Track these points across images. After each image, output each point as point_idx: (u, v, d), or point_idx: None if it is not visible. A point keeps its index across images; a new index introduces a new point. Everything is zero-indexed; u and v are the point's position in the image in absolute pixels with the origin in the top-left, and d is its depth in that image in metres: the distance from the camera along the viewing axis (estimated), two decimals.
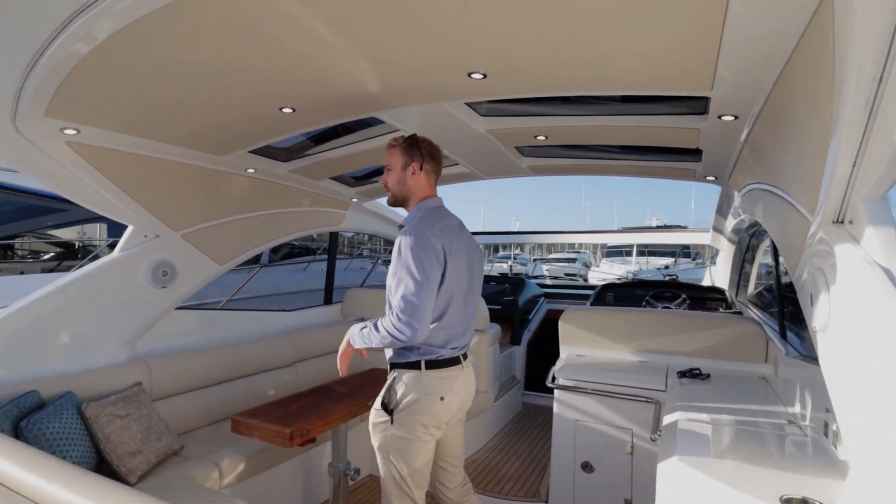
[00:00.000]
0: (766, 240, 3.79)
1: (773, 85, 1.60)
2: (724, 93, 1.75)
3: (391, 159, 2.06)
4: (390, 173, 2.05)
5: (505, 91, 2.03)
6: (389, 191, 2.07)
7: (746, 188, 2.67)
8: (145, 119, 2.28)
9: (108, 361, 2.68)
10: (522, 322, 5.09)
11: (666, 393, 2.60)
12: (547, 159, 3.40)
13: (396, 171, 2.03)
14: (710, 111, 1.98)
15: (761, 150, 2.10)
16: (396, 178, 2.04)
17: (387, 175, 2.06)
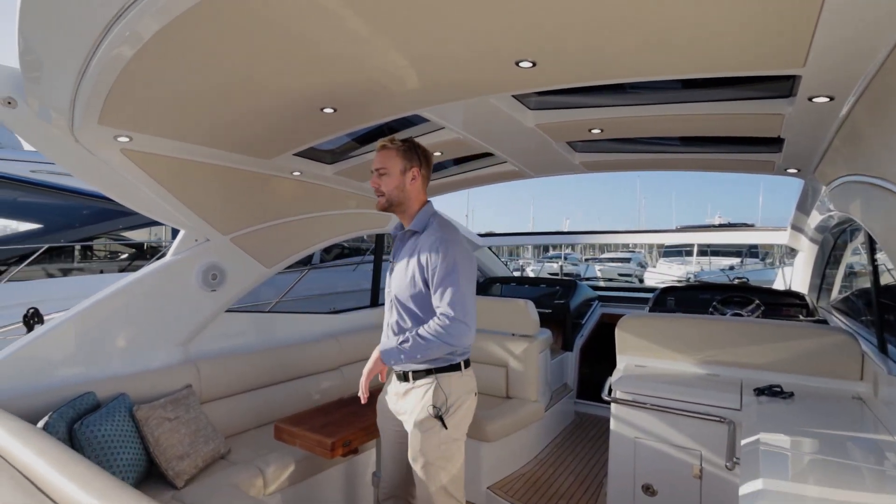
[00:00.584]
0: (857, 239, 3.35)
1: (883, 59, 1.34)
2: (820, 69, 1.49)
3: (387, 162, 1.95)
4: (387, 177, 1.94)
5: (557, 80, 1.85)
6: (383, 195, 1.95)
7: (837, 181, 2.33)
8: (192, 124, 2.30)
9: (161, 364, 2.74)
10: (575, 327, 4.84)
11: (741, 412, 2.32)
12: (601, 154, 3.17)
13: (395, 176, 1.94)
14: (798, 92, 1.71)
15: (861, 136, 1.81)
16: (395, 183, 1.94)
17: (381, 179, 1.94)
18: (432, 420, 1.89)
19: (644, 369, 2.95)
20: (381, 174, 1.94)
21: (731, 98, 2.03)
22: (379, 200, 1.96)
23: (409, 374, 1.95)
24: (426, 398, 1.90)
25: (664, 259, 19.94)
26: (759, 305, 3.89)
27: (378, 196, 1.96)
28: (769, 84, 1.94)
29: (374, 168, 1.97)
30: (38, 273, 7.05)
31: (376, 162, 1.96)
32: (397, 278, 1.97)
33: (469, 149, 3.00)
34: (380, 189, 1.94)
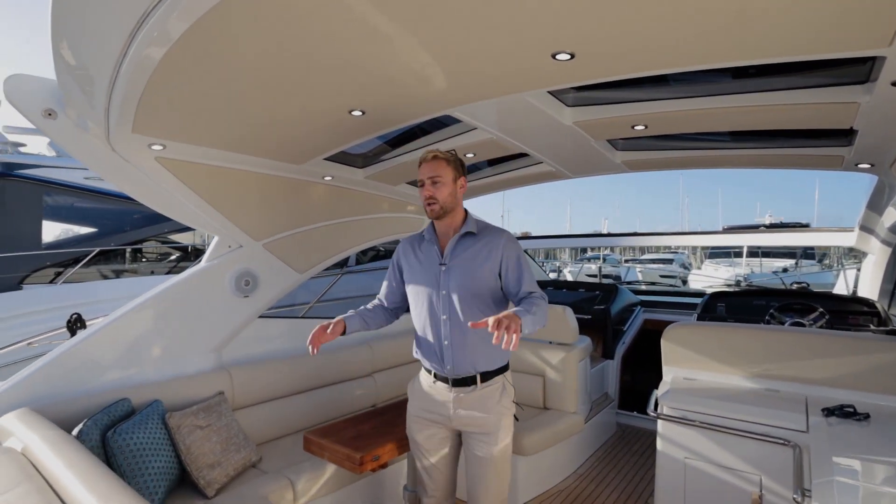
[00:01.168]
0: None
1: None
2: None
3: (441, 170, 1.99)
4: (441, 186, 1.98)
5: (597, 73, 1.71)
6: (437, 202, 1.98)
7: None
8: (223, 131, 2.29)
9: (195, 370, 2.75)
10: (616, 333, 4.61)
11: (809, 435, 2.09)
12: (645, 153, 2.97)
13: (449, 184, 2.00)
14: (878, 77, 1.51)
15: None
16: (449, 191, 2.00)
17: (435, 188, 1.98)
18: (510, 419, 2.02)
19: (693, 383, 2.74)
20: (434, 182, 1.98)
21: (797, 86, 1.83)
22: (432, 208, 1.99)
23: (476, 378, 1.96)
24: (504, 398, 2.00)
25: (710, 260, 18.98)
26: (823, 314, 3.56)
27: (430, 204, 1.98)
28: (842, 69, 1.72)
29: (425, 177, 1.98)
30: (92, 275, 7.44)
31: (427, 171, 1.99)
32: (461, 275, 1.97)
33: (503, 149, 2.87)
34: (433, 197, 1.97)
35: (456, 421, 1.99)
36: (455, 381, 1.96)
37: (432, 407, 2.02)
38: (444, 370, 1.97)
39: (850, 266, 9.81)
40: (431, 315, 1.99)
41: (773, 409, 2.26)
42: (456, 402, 1.97)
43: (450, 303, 1.95)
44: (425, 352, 2.04)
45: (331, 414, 3.21)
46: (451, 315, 1.95)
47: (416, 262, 2.08)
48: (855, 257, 17.91)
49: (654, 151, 2.95)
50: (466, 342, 1.94)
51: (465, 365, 1.95)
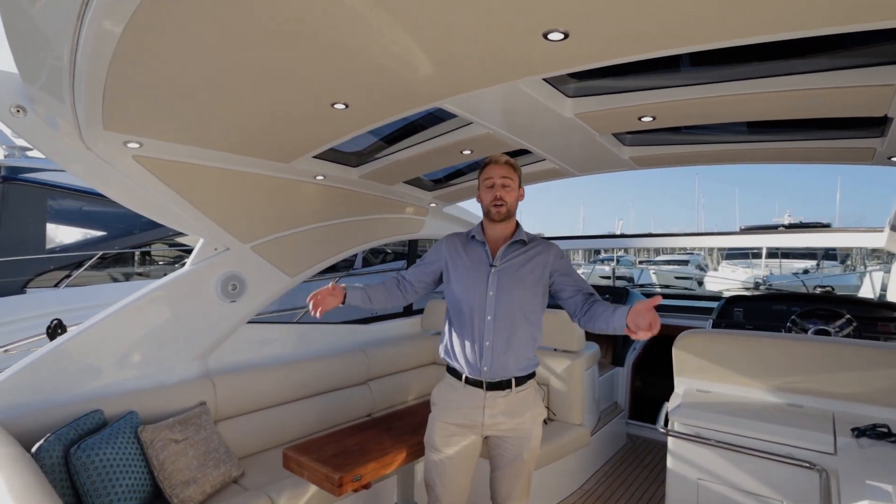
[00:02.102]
0: None
1: None
2: None
3: (512, 175, 2.03)
4: (510, 191, 2.02)
5: (595, 55, 1.53)
6: (506, 204, 2.01)
7: None
8: (202, 128, 2.16)
9: (178, 378, 2.63)
10: (626, 339, 4.40)
11: (837, 458, 1.88)
12: (654, 147, 2.77)
13: (515, 190, 2.05)
14: None
15: None
16: (516, 196, 2.05)
17: (505, 191, 2.01)
18: (541, 423, 2.05)
19: (708, 396, 2.53)
20: (504, 186, 2.01)
21: (824, 69, 1.62)
22: (499, 210, 2.01)
23: (511, 382, 1.96)
24: (536, 402, 2.03)
25: (727, 261, 18.49)
26: (851, 321, 3.30)
27: (498, 206, 2.00)
28: (876, 48, 1.52)
29: (497, 178, 2.01)
30: (102, 278, 7.45)
31: (500, 172, 2.02)
32: (511, 279, 1.98)
33: (503, 145, 2.70)
34: (503, 199, 2.00)
35: (489, 426, 1.97)
36: (490, 385, 1.95)
37: (463, 413, 1.98)
38: (480, 372, 1.95)
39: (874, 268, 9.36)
40: (476, 314, 1.97)
41: (796, 428, 2.05)
42: (490, 406, 1.95)
43: (496, 304, 1.95)
44: (461, 352, 2.00)
45: (324, 424, 3.07)
46: (497, 316, 1.94)
47: (464, 259, 2.06)
48: (879, 259, 17.30)
49: (664, 146, 2.75)
50: (508, 345, 1.94)
51: (502, 368, 1.94)
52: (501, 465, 2.02)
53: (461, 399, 1.98)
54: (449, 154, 2.88)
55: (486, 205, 2.03)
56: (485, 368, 1.93)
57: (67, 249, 7.05)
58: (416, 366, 3.76)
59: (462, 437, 1.99)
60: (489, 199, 2.01)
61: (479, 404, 1.95)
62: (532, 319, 1.99)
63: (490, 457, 2.06)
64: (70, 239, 7.33)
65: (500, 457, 2.02)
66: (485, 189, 2.03)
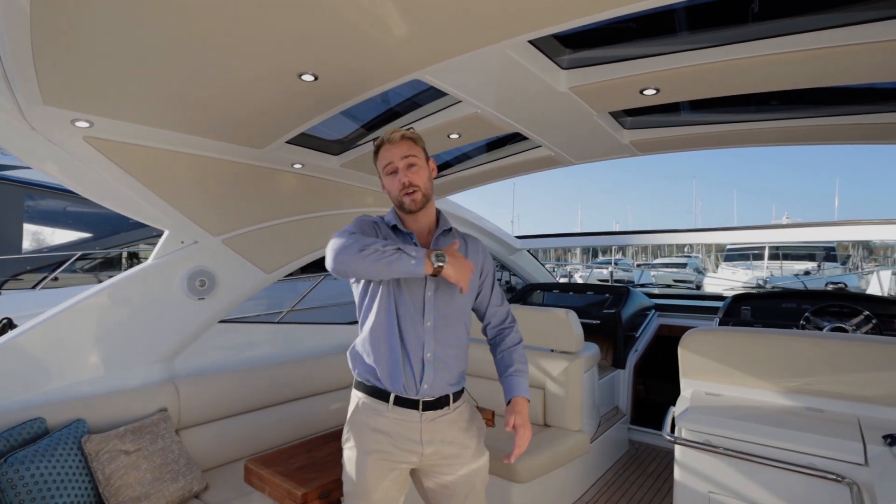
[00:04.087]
0: None
1: None
2: None
3: (415, 151, 1.62)
4: (418, 170, 1.61)
5: (585, 5, 1.32)
6: (419, 189, 1.59)
7: None
8: (160, 106, 1.96)
9: (138, 383, 2.40)
10: (627, 340, 4.18)
11: (868, 469, 1.66)
12: (656, 130, 2.57)
13: (425, 168, 1.64)
14: None
15: None
16: (427, 175, 1.64)
17: (412, 172, 1.59)
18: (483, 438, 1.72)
19: (717, 399, 2.31)
20: (410, 165, 1.60)
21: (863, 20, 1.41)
22: (414, 198, 1.58)
23: (449, 398, 1.61)
24: (475, 415, 1.73)
25: (726, 263, 18.27)
26: (870, 318, 3.08)
27: (411, 193, 1.58)
28: None
29: (398, 159, 1.60)
30: (86, 279, 7.22)
31: (399, 152, 1.60)
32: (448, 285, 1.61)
33: (492, 128, 2.49)
34: (414, 184, 1.58)
35: (429, 456, 1.58)
36: (426, 404, 1.57)
37: (398, 443, 1.56)
38: (416, 391, 1.55)
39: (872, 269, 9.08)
40: (410, 321, 1.57)
41: (819, 436, 1.83)
42: (428, 430, 1.57)
43: (436, 305, 1.59)
44: (390, 367, 1.56)
45: (302, 431, 2.84)
46: (437, 322, 1.58)
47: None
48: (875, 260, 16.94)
49: (666, 128, 2.54)
50: (450, 354, 1.61)
51: (443, 382, 1.58)
52: (449, 496, 1.62)
53: (390, 426, 1.56)
54: (435, 138, 2.67)
55: (396, 195, 1.60)
56: (425, 386, 1.54)
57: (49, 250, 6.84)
58: None
59: (398, 475, 1.60)
60: (397, 189, 1.59)
61: (415, 429, 1.56)
62: (467, 322, 1.70)
63: (426, 491, 1.66)
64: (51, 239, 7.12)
65: (443, 489, 1.61)
66: (387, 177, 1.63)
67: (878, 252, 20.93)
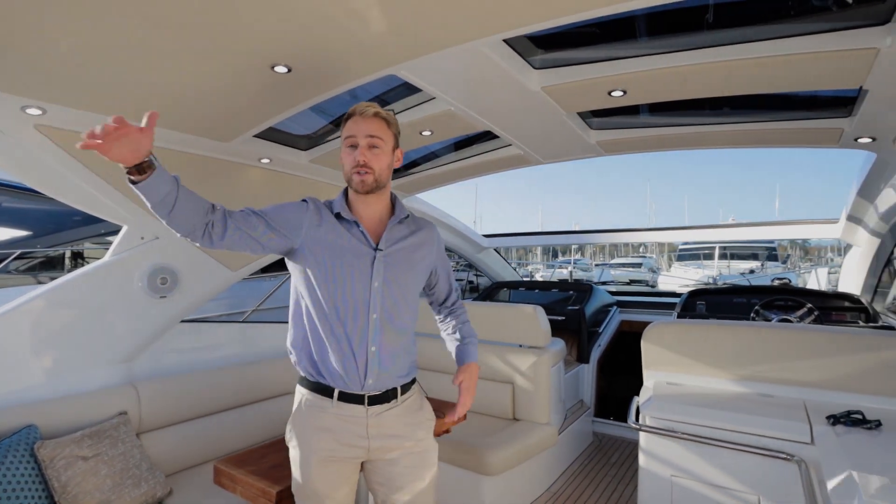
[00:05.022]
0: None
1: None
2: None
3: (382, 133, 1.51)
4: (380, 153, 1.50)
5: (562, 6, 1.37)
6: (373, 172, 1.48)
7: None
8: (118, 94, 1.86)
9: (95, 386, 2.28)
10: (591, 335, 4.31)
11: (814, 447, 1.80)
12: (623, 131, 2.67)
13: (388, 154, 1.54)
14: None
15: None
16: (387, 162, 1.54)
17: (372, 153, 1.48)
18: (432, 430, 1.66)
19: (678, 388, 2.43)
20: (372, 146, 1.49)
21: (805, 32, 1.53)
22: (363, 179, 1.47)
23: (396, 391, 1.56)
24: (424, 406, 1.67)
25: (679, 263, 19.17)
26: (812, 310, 3.32)
27: (363, 173, 1.47)
28: (858, 9, 1.44)
29: (361, 136, 1.48)
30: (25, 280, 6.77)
31: (365, 128, 1.48)
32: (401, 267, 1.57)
33: (465, 125, 2.52)
34: (369, 166, 1.47)
35: (375, 449, 1.53)
36: (372, 399, 1.51)
37: (343, 439, 1.50)
38: (361, 385, 1.48)
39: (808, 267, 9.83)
40: (354, 310, 1.48)
41: (771, 418, 1.96)
42: (374, 424, 1.51)
43: (383, 298, 1.51)
44: (336, 362, 1.48)
45: (269, 433, 2.78)
46: (384, 314, 1.51)
47: (337, 239, 1.51)
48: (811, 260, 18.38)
49: (630, 129, 2.65)
50: (398, 347, 1.55)
51: (389, 376, 1.53)
52: (399, 491, 1.55)
53: (334, 423, 1.50)
54: (407, 134, 2.68)
55: (348, 171, 1.50)
56: (370, 381, 1.48)
57: None
58: None
59: (347, 472, 1.55)
60: (350, 164, 1.48)
61: (361, 423, 1.50)
62: (414, 313, 1.63)
63: (375, 489, 1.59)
64: None
65: (398, 489, 1.55)
66: (345, 149, 1.51)
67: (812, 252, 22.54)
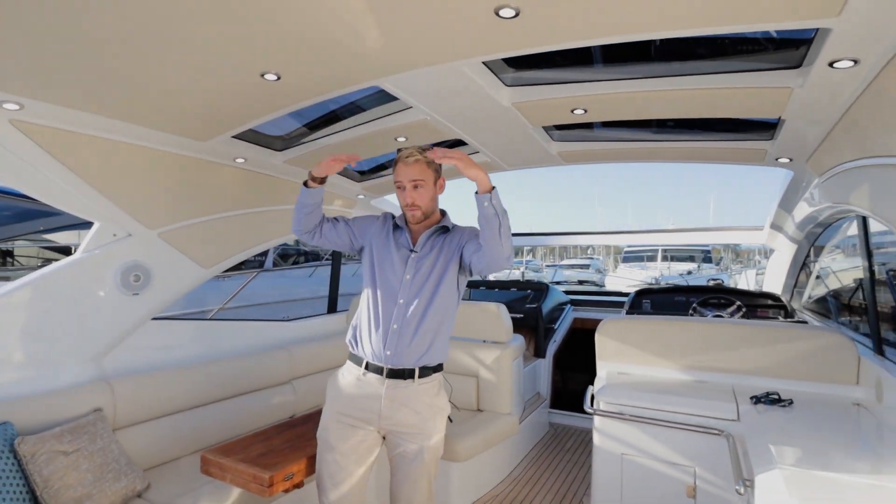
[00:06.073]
0: (839, 235, 3.25)
1: None
2: (855, 21, 1.26)
3: (424, 174, 1.87)
4: (423, 190, 1.88)
5: (543, 36, 1.57)
6: (420, 208, 1.88)
7: (837, 169, 2.16)
8: (103, 92, 1.88)
9: (67, 383, 2.26)
10: (547, 332, 4.59)
11: (740, 423, 2.09)
12: (581, 143, 2.92)
13: (430, 188, 1.90)
14: (817, 57, 1.50)
15: (884, 109, 1.61)
16: (431, 195, 1.92)
17: (417, 192, 1.87)
18: (444, 419, 1.90)
19: (627, 377, 2.71)
20: (416, 186, 1.87)
21: (735, 70, 1.81)
22: (414, 214, 1.90)
23: (414, 372, 1.82)
24: (440, 396, 1.90)
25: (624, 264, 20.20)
26: (741, 307, 3.74)
27: (412, 210, 1.89)
28: (777, 53, 1.72)
29: (406, 181, 1.86)
30: None
31: (409, 174, 1.86)
32: (429, 265, 1.89)
33: (437, 134, 2.69)
34: (416, 204, 1.88)
35: (386, 419, 1.80)
36: (390, 373, 1.80)
37: (360, 404, 1.81)
38: (382, 357, 1.80)
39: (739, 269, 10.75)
40: (387, 296, 1.86)
41: (706, 400, 2.25)
42: (388, 396, 1.80)
43: (410, 288, 1.85)
44: (367, 337, 1.86)
45: (241, 428, 2.82)
46: (408, 300, 1.84)
47: (389, 241, 1.95)
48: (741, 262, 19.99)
49: (590, 143, 2.91)
50: (417, 331, 1.82)
51: (406, 355, 1.81)
52: (402, 466, 1.83)
53: (358, 387, 1.82)
54: (382, 141, 2.81)
55: (402, 207, 1.94)
56: (388, 353, 1.79)
57: None
58: (342, 363, 3.61)
59: (358, 433, 1.81)
60: (402, 203, 1.91)
61: (378, 393, 1.79)
62: (445, 310, 1.88)
63: (389, 458, 1.88)
64: None
65: (399, 457, 1.83)
66: (398, 190, 1.92)
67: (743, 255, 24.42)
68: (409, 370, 1.80)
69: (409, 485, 1.82)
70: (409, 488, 1.82)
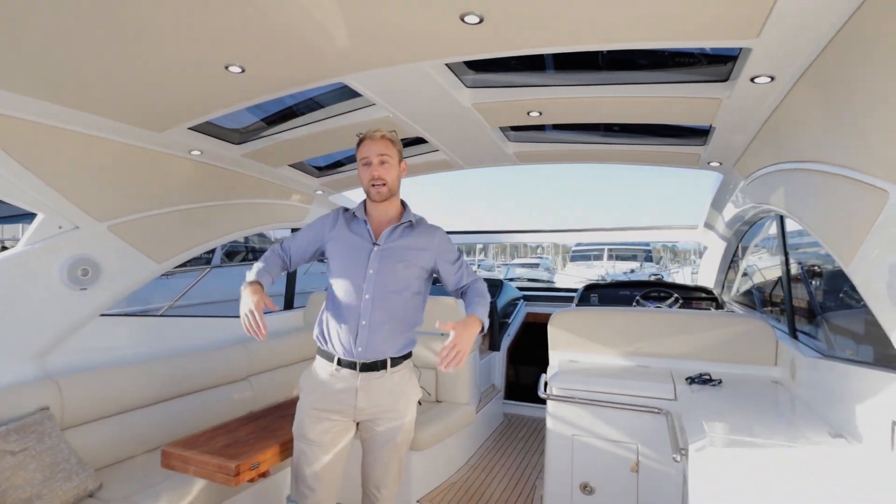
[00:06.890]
0: (762, 234, 3.60)
1: (836, 32, 1.32)
2: (770, 44, 1.46)
3: (389, 150, 1.90)
4: (389, 167, 1.89)
5: (504, 43, 1.68)
6: (386, 185, 1.88)
7: (759, 172, 2.42)
8: (52, 78, 1.81)
9: (7, 381, 2.15)
10: (501, 326, 4.76)
11: (677, 402, 2.31)
12: (536, 144, 3.08)
13: (395, 166, 1.93)
14: (741, 73, 1.70)
15: (793, 121, 1.84)
16: (396, 173, 1.94)
17: (384, 168, 1.88)
18: (415, 404, 1.97)
19: (577, 364, 2.89)
20: (382, 162, 1.87)
21: (672, 81, 2.01)
22: (379, 190, 1.88)
23: (386, 362, 1.87)
24: (411, 381, 1.97)
25: (572, 263, 21.01)
26: (678, 299, 4.06)
27: (378, 185, 1.87)
28: (708, 68, 1.93)
29: (373, 155, 1.87)
30: None
31: (376, 149, 1.88)
32: (392, 259, 1.89)
33: (399, 132, 2.75)
34: (382, 178, 1.87)
35: (361, 410, 1.86)
36: (364, 366, 1.85)
37: (334, 397, 1.85)
38: (354, 353, 1.84)
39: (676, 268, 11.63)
40: (354, 293, 1.86)
41: (647, 382, 2.45)
42: (363, 388, 1.85)
43: (375, 283, 1.86)
44: (335, 333, 1.88)
45: (198, 425, 2.76)
46: (375, 295, 1.85)
47: (346, 236, 1.94)
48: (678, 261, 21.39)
49: (544, 144, 3.07)
50: (385, 325, 1.86)
51: (376, 348, 1.85)
52: (374, 448, 1.91)
53: (333, 382, 1.86)
54: (343, 137, 2.84)
55: (366, 185, 1.90)
56: (359, 349, 1.83)
57: None
58: (300, 359, 3.59)
59: (334, 424, 1.86)
60: (367, 179, 1.88)
61: (353, 386, 1.84)
62: (412, 301, 1.93)
63: (362, 440, 1.95)
64: None
65: (372, 440, 1.91)
66: (362, 168, 1.90)
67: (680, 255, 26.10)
68: (382, 361, 1.87)
69: (380, 466, 1.90)
70: (381, 469, 1.90)
